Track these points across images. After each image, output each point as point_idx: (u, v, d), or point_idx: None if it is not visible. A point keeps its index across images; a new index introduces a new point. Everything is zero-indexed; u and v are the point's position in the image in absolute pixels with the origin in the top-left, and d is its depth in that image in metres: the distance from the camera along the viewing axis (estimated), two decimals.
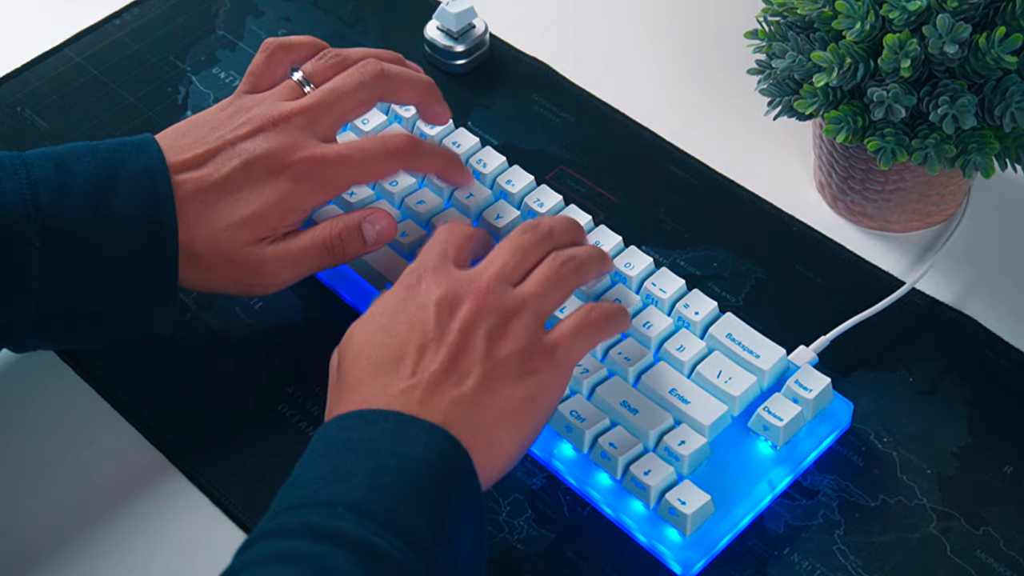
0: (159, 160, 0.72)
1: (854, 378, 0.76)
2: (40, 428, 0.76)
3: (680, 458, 0.70)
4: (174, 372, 0.78)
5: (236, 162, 0.72)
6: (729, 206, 0.85)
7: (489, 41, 0.94)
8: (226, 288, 0.74)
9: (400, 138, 0.75)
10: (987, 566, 0.69)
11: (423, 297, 0.66)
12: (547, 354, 0.66)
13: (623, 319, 0.71)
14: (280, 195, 0.72)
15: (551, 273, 0.68)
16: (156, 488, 0.74)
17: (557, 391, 0.66)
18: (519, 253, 0.69)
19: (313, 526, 0.57)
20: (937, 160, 0.74)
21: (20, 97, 0.93)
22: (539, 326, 0.67)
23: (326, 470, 0.60)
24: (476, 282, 0.67)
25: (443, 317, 0.65)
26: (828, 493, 0.72)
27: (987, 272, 0.81)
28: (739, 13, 0.90)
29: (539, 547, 0.70)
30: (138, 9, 0.98)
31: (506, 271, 0.68)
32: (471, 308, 0.65)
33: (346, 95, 0.75)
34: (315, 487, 0.59)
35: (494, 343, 0.65)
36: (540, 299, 0.67)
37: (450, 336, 0.65)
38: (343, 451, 0.61)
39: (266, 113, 0.74)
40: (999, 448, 0.73)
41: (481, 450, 0.63)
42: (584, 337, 0.68)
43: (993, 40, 0.70)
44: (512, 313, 0.66)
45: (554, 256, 0.70)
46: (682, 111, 0.91)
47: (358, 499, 0.58)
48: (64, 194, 0.70)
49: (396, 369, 0.64)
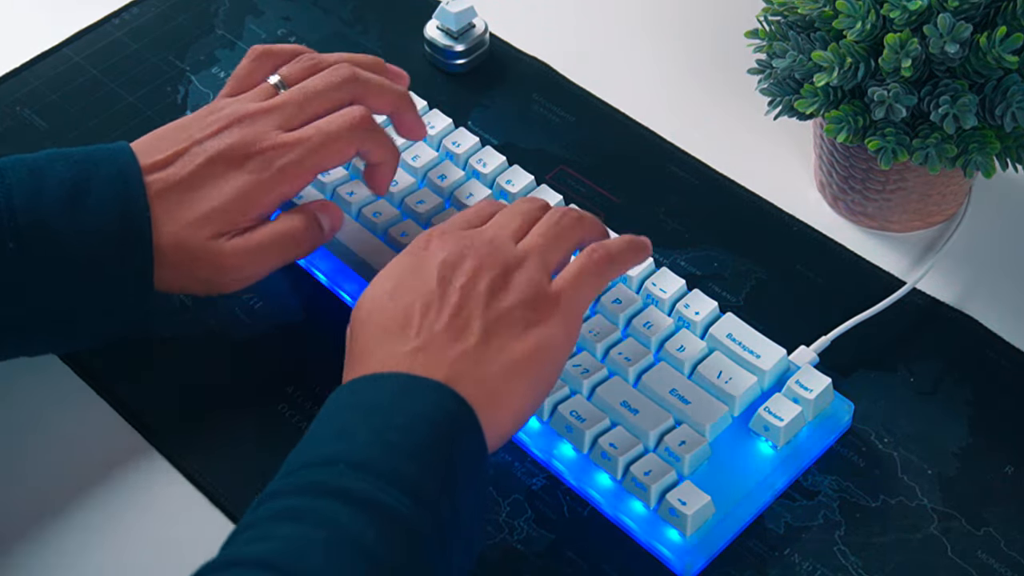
0: (131, 162, 0.72)
1: (855, 378, 0.76)
2: (39, 428, 0.76)
3: (680, 458, 0.70)
4: (173, 372, 0.78)
5: (200, 159, 0.72)
6: (729, 206, 0.85)
7: (489, 41, 0.94)
8: (191, 286, 0.74)
9: (356, 110, 0.75)
10: (988, 567, 0.69)
11: (428, 261, 0.67)
12: (551, 303, 0.66)
13: (630, 252, 0.71)
14: (241, 187, 0.72)
15: (552, 224, 0.70)
16: (155, 488, 0.73)
17: (566, 341, 0.66)
18: (520, 215, 0.71)
19: (316, 483, 0.58)
20: (938, 160, 0.73)
21: (19, 97, 0.92)
22: (543, 276, 0.67)
23: (332, 430, 0.61)
24: (478, 238, 0.68)
25: (446, 276, 0.66)
26: (829, 493, 0.72)
27: (988, 272, 0.81)
28: (739, 13, 0.90)
29: (539, 547, 0.70)
30: (137, 8, 0.98)
31: (509, 228, 0.69)
32: (472, 264, 0.66)
33: (316, 96, 0.75)
34: (320, 447, 0.60)
35: (495, 296, 0.65)
36: (543, 250, 0.68)
37: (452, 294, 0.65)
38: (349, 412, 0.61)
39: (234, 112, 0.74)
40: (1000, 448, 0.73)
41: (487, 406, 0.63)
42: (589, 281, 0.68)
43: (994, 40, 0.70)
44: (514, 265, 0.67)
45: (554, 210, 0.71)
46: (682, 111, 0.91)
47: (362, 457, 0.59)
48: (37, 197, 0.70)
49: (402, 332, 0.65)
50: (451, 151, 0.84)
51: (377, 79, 0.77)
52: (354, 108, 0.75)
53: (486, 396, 0.63)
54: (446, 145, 0.84)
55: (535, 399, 0.65)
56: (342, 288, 0.80)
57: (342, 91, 0.76)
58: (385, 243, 0.80)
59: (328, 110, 0.75)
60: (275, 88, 0.77)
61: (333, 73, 0.76)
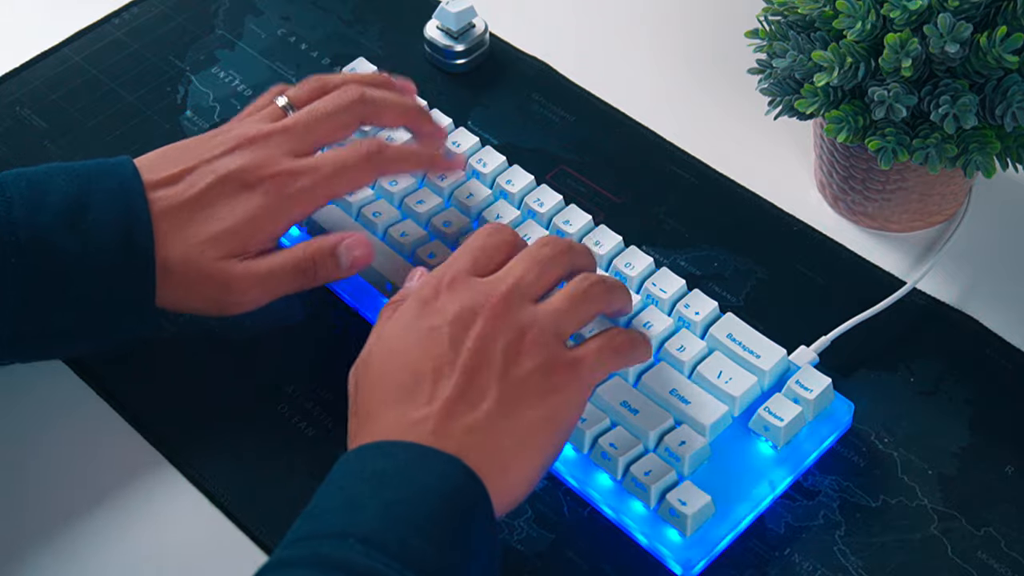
0: (134, 177, 0.72)
1: (855, 378, 0.76)
2: (39, 428, 0.76)
3: (680, 458, 0.70)
4: (174, 372, 0.78)
5: (211, 178, 0.72)
6: (730, 206, 0.85)
7: (489, 40, 0.94)
8: (198, 306, 0.73)
9: (369, 141, 0.75)
10: (988, 567, 0.69)
11: (437, 316, 0.65)
12: (570, 370, 0.64)
13: (645, 349, 0.70)
14: (252, 210, 0.72)
15: (577, 292, 0.67)
16: (155, 488, 0.73)
17: (577, 411, 0.65)
18: (538, 266, 0.67)
19: (324, 557, 0.57)
20: (938, 160, 0.73)
21: (19, 97, 0.92)
22: (558, 341, 0.65)
23: (340, 500, 0.59)
24: (491, 296, 0.65)
25: (457, 337, 0.64)
26: (829, 493, 0.72)
27: (988, 272, 0.81)
28: (739, 12, 0.90)
29: (539, 547, 0.70)
30: (137, 8, 0.98)
31: (524, 283, 0.66)
32: (485, 325, 0.64)
33: (325, 117, 0.75)
34: (328, 517, 0.59)
35: (511, 360, 0.63)
36: (563, 315, 0.66)
37: (464, 356, 0.63)
38: (358, 482, 0.60)
39: (243, 133, 0.74)
40: (1000, 448, 0.73)
41: (498, 476, 0.62)
42: (608, 360, 0.66)
43: (994, 39, 0.70)
44: (530, 327, 0.64)
45: (583, 276, 0.68)
46: (682, 111, 0.91)
47: (371, 530, 0.58)
48: (39, 211, 0.70)
49: (411, 398, 0.63)
50: (451, 151, 0.84)
51: (384, 95, 0.77)
52: (368, 140, 0.74)
53: (498, 467, 0.62)
54: (446, 145, 0.84)
55: (544, 466, 0.64)
56: (342, 288, 0.80)
57: (351, 112, 0.76)
58: (385, 243, 0.80)
59: (337, 131, 0.75)
60: (283, 110, 0.76)
61: (341, 95, 0.76)
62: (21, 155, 0.88)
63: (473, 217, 0.80)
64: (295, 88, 0.78)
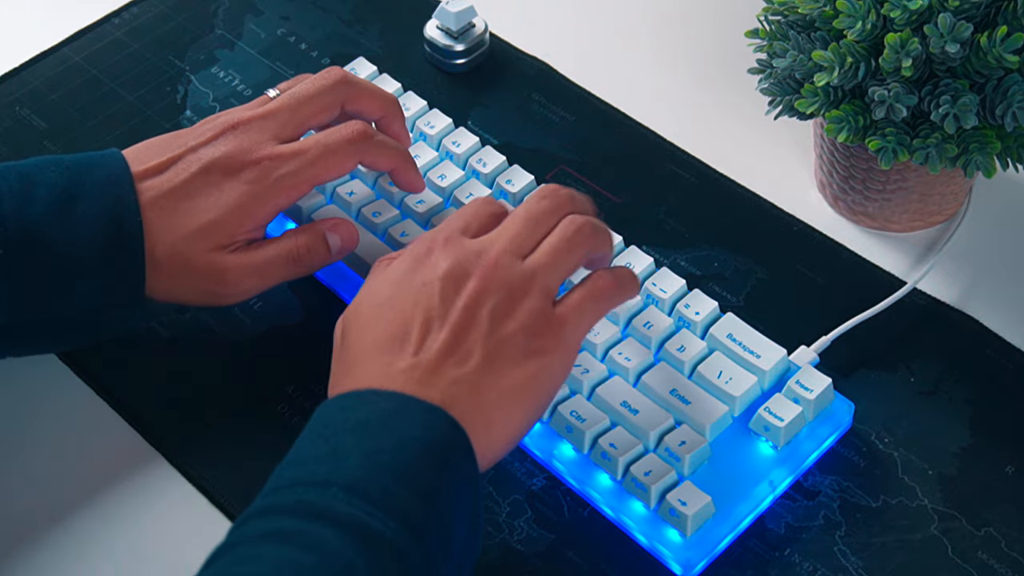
0: (123, 169, 0.72)
1: (855, 378, 0.76)
2: (38, 428, 0.76)
3: (681, 459, 0.69)
4: (173, 372, 0.78)
5: (195, 167, 0.72)
6: (730, 206, 0.85)
7: (489, 40, 0.94)
8: (190, 297, 0.73)
9: (355, 125, 0.75)
10: (988, 567, 0.69)
11: (430, 271, 0.66)
12: (553, 332, 0.65)
13: (631, 284, 0.70)
14: (237, 198, 0.72)
15: (562, 240, 0.67)
16: (154, 488, 0.73)
17: (562, 369, 0.66)
18: (532, 222, 0.68)
19: (307, 504, 0.57)
20: (938, 160, 0.73)
21: (19, 96, 0.92)
22: (546, 302, 0.66)
23: (324, 449, 0.60)
24: (484, 256, 0.66)
25: (448, 293, 0.65)
26: (829, 494, 0.72)
27: (989, 272, 0.81)
28: (739, 12, 0.90)
29: (539, 548, 0.70)
30: (137, 8, 0.98)
31: (517, 242, 0.67)
32: (477, 284, 0.65)
33: (308, 99, 0.75)
34: (311, 466, 0.59)
35: (498, 321, 0.64)
36: (549, 270, 0.66)
37: (454, 314, 0.64)
38: (341, 431, 0.60)
39: (227, 120, 0.74)
40: (1000, 448, 0.73)
41: (480, 431, 0.62)
42: (592, 309, 0.67)
43: (995, 39, 0.70)
44: (519, 289, 0.65)
45: (569, 220, 0.68)
46: (682, 111, 0.91)
47: (354, 479, 0.58)
48: (28, 202, 0.70)
49: (399, 347, 0.64)
50: (451, 151, 0.84)
51: (367, 83, 0.78)
52: (353, 123, 0.75)
53: (481, 421, 0.62)
54: (446, 145, 0.84)
55: (528, 424, 0.65)
56: (342, 288, 0.80)
57: (333, 94, 0.76)
58: (385, 243, 0.80)
59: (320, 113, 0.75)
60: (271, 99, 0.76)
61: (324, 76, 0.76)
62: (21, 155, 0.88)
63: None
64: (286, 82, 0.78)
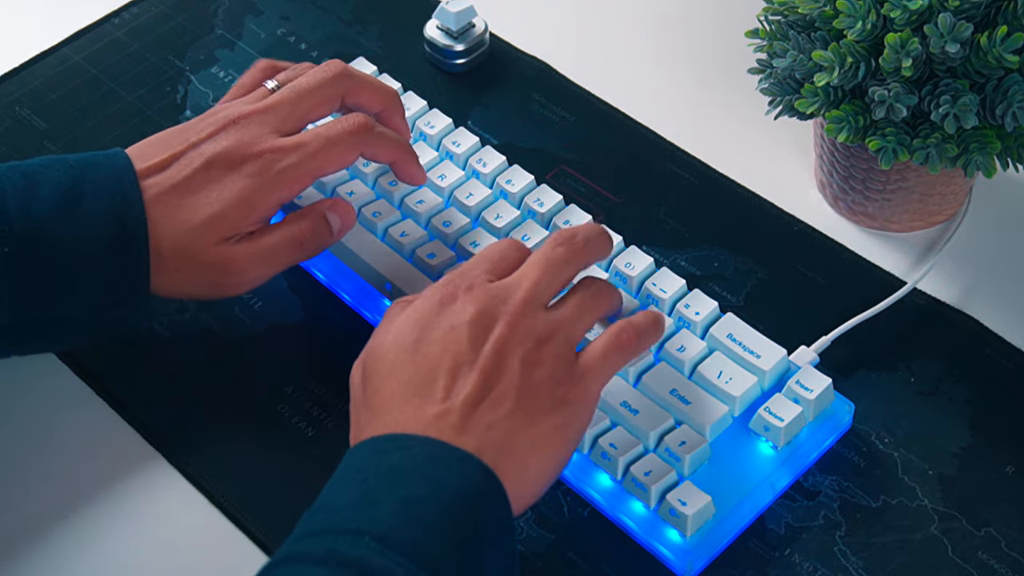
0: (127, 166, 0.72)
1: (855, 378, 0.76)
2: (38, 428, 0.76)
3: (681, 459, 0.69)
4: (173, 372, 0.78)
5: (198, 162, 0.72)
6: (730, 206, 0.85)
7: (489, 40, 0.94)
8: (198, 290, 0.74)
9: (356, 117, 0.75)
10: (989, 567, 0.69)
11: (456, 316, 0.65)
12: (578, 382, 0.65)
13: (655, 331, 0.69)
14: (240, 191, 0.72)
15: (583, 301, 0.67)
16: (154, 488, 0.73)
17: (587, 418, 0.65)
18: (552, 269, 0.67)
19: (339, 555, 0.56)
20: (939, 160, 0.73)
21: (18, 96, 0.92)
22: (571, 351, 0.66)
23: (355, 496, 0.59)
24: (510, 302, 0.65)
25: (477, 339, 0.64)
26: (829, 494, 0.72)
27: (989, 272, 0.81)
28: (739, 12, 0.90)
29: (539, 548, 0.70)
30: (137, 8, 0.98)
31: (538, 290, 0.66)
32: (505, 331, 0.64)
33: (308, 92, 0.75)
34: (343, 512, 0.58)
35: (528, 368, 0.64)
36: (573, 323, 0.66)
37: (484, 359, 0.63)
38: (373, 477, 0.59)
39: (228, 114, 0.74)
40: (1001, 448, 0.73)
41: (514, 478, 0.62)
42: (614, 360, 0.67)
43: (995, 39, 0.70)
44: (545, 338, 0.65)
45: (589, 282, 0.69)
46: (682, 111, 0.91)
47: (386, 528, 0.57)
48: (33, 200, 0.70)
49: (429, 391, 0.63)
50: (451, 151, 0.84)
51: (367, 76, 0.78)
52: (354, 115, 0.75)
53: (515, 468, 0.62)
54: (446, 145, 0.84)
55: (556, 472, 0.64)
56: (342, 288, 0.80)
57: (334, 87, 0.76)
58: (385, 243, 0.80)
59: (321, 106, 0.75)
60: (271, 92, 0.76)
61: (324, 69, 0.76)
62: (21, 155, 0.88)
63: (473, 217, 0.80)
64: (284, 73, 0.78)
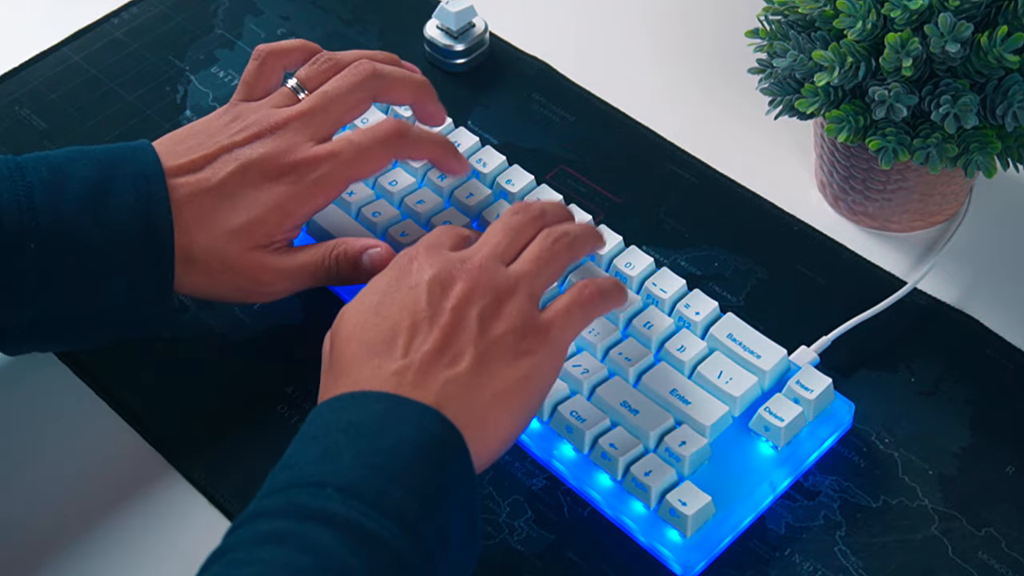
0: (155, 163, 0.72)
1: (855, 378, 0.76)
2: (38, 428, 0.76)
3: (681, 459, 0.69)
4: (173, 372, 0.78)
5: (233, 166, 0.72)
6: (730, 206, 0.85)
7: (489, 40, 0.94)
8: (224, 293, 0.74)
9: (389, 124, 0.75)
10: (989, 567, 0.69)
11: (415, 277, 0.66)
12: (541, 334, 0.65)
13: (618, 294, 0.70)
14: (277, 199, 0.72)
15: (543, 251, 0.69)
16: (154, 489, 0.73)
17: (552, 371, 0.66)
18: (511, 233, 0.69)
19: (301, 506, 0.57)
20: (939, 159, 0.73)
21: (18, 96, 0.92)
22: (532, 305, 0.66)
23: (317, 451, 0.60)
24: (469, 261, 0.67)
25: (435, 296, 0.65)
26: (829, 494, 0.72)
27: (989, 272, 0.81)
28: (740, 12, 0.90)
29: (539, 548, 0.70)
30: (136, 8, 0.98)
31: (499, 250, 0.68)
32: (464, 287, 0.65)
33: (340, 97, 0.75)
34: (305, 467, 0.59)
35: (487, 323, 0.65)
36: (533, 277, 0.67)
37: (443, 316, 0.64)
38: (334, 432, 0.60)
39: (263, 120, 0.74)
40: (1001, 448, 0.73)
41: (475, 431, 0.62)
42: (578, 315, 0.67)
43: (995, 39, 0.70)
44: (505, 292, 0.66)
45: (546, 233, 0.70)
46: (682, 111, 0.91)
47: (348, 480, 0.58)
48: (59, 196, 0.69)
49: (388, 350, 0.64)
50: None
51: (397, 71, 0.78)
52: (386, 121, 0.75)
53: (475, 421, 0.62)
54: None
55: (520, 426, 0.65)
56: (342, 288, 0.80)
57: (364, 89, 0.76)
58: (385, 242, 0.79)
59: (353, 110, 0.76)
60: (293, 92, 0.76)
61: (354, 72, 0.76)
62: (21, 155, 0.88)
63: (473, 217, 0.80)
64: (305, 68, 0.77)
